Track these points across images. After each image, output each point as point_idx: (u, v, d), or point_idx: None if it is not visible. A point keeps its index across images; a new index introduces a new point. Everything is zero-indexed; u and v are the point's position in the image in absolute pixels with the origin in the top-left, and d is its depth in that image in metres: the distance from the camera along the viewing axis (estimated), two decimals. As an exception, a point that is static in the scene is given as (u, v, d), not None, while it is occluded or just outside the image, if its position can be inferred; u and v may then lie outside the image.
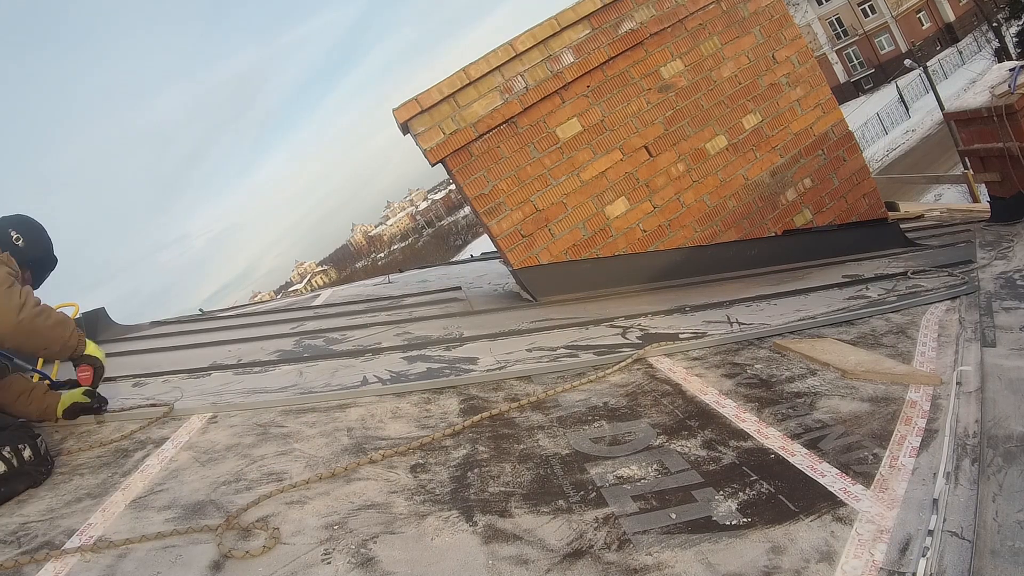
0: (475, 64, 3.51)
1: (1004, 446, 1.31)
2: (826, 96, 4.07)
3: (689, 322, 2.66)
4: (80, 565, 1.31)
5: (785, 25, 4.03)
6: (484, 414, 1.86)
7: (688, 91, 3.83)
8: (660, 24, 3.76)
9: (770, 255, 3.91)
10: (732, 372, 2.00)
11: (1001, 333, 1.94)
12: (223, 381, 2.57)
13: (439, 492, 1.47)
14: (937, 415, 1.53)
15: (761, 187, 3.91)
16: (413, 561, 1.22)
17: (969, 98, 3.81)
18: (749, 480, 1.36)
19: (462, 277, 5.36)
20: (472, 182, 3.58)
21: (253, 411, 2.11)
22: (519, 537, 1.26)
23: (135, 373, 2.76)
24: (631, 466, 1.49)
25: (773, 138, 3.94)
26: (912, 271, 3.02)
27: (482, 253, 7.53)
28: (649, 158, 3.77)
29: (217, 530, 1.36)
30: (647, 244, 3.76)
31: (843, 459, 1.39)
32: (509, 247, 3.62)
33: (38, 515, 1.53)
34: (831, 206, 4.04)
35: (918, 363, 1.87)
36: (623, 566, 1.13)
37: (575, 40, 3.64)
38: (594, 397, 1.93)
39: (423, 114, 3.46)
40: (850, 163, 4.08)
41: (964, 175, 7.20)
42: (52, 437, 2.06)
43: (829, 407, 1.65)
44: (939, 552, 1.06)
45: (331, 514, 1.42)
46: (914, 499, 1.22)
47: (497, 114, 3.54)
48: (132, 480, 1.68)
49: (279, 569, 1.23)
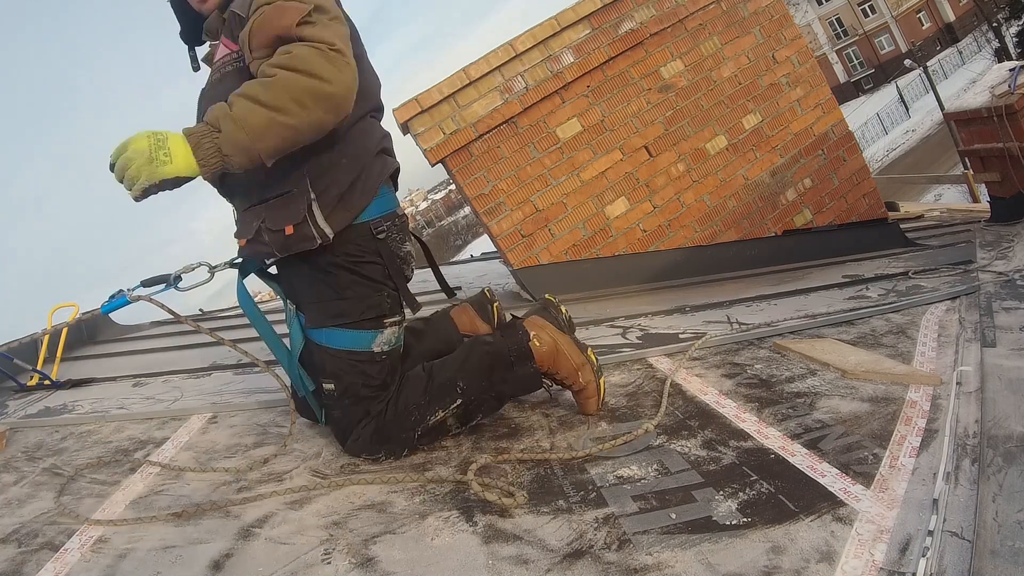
0: (475, 64, 3.52)
1: (1004, 446, 1.31)
2: (826, 96, 4.07)
3: (689, 322, 2.66)
4: (80, 565, 1.31)
5: (785, 25, 4.03)
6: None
7: (688, 91, 3.83)
8: (660, 24, 3.76)
9: (770, 255, 3.91)
10: (732, 372, 2.00)
11: (1001, 333, 1.94)
12: (223, 381, 2.57)
13: (439, 492, 1.47)
14: (937, 415, 1.53)
15: (761, 187, 3.91)
16: (413, 561, 1.22)
17: (969, 98, 3.81)
18: (749, 480, 1.36)
19: (462, 277, 5.36)
20: (472, 182, 3.58)
21: (253, 411, 2.11)
22: (519, 537, 1.26)
23: (135, 373, 2.76)
24: (631, 466, 1.49)
25: (773, 138, 3.94)
26: (912, 271, 3.02)
27: (482, 253, 7.53)
28: (649, 158, 3.77)
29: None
30: (647, 244, 3.76)
31: (843, 459, 1.39)
32: (509, 247, 3.62)
33: (38, 515, 1.53)
34: (831, 206, 4.04)
35: (918, 363, 1.87)
36: (623, 566, 1.13)
37: (575, 40, 3.64)
38: (594, 397, 1.93)
39: (423, 114, 3.47)
40: (850, 163, 4.08)
41: (964, 175, 7.21)
42: (52, 436, 2.06)
43: (829, 407, 1.65)
44: (939, 552, 1.06)
45: (331, 514, 1.42)
46: (914, 499, 1.22)
47: (497, 114, 3.54)
48: (132, 480, 1.68)
49: (279, 569, 1.23)
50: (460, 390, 1.64)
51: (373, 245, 1.59)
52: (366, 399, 1.62)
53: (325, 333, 1.61)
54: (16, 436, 2.09)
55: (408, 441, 1.63)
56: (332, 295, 1.59)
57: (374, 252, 1.59)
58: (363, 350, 1.61)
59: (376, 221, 1.59)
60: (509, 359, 1.68)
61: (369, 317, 1.60)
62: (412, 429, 1.62)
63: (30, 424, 2.20)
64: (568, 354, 1.71)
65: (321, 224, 1.50)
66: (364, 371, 1.61)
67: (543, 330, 1.72)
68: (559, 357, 1.70)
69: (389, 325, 1.64)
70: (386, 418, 1.61)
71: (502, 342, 1.69)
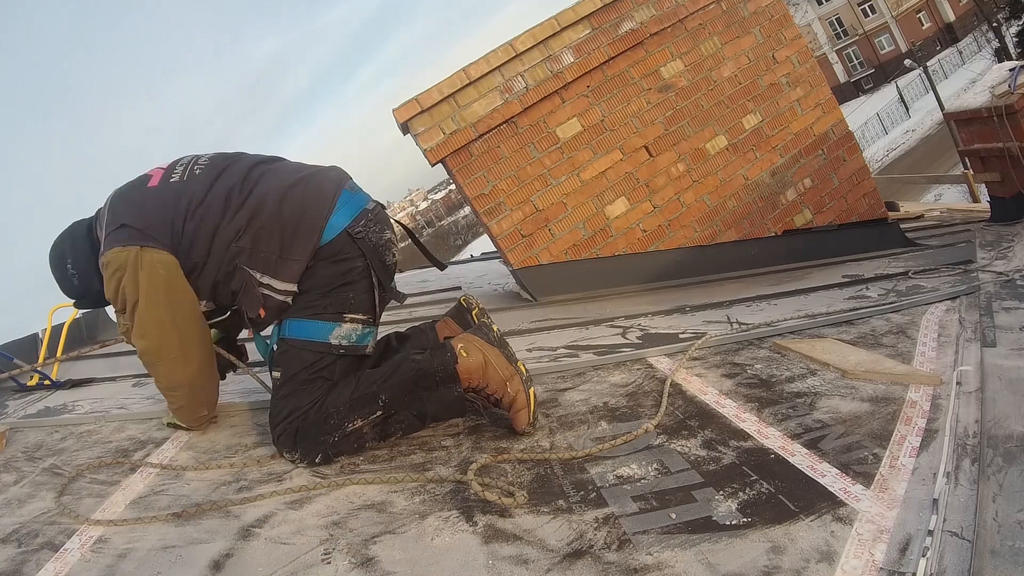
0: (475, 64, 3.51)
1: (1004, 446, 1.31)
2: (826, 96, 4.07)
3: (689, 322, 2.66)
4: (80, 565, 1.31)
5: (785, 25, 4.03)
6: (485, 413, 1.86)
7: (688, 91, 3.83)
8: (660, 24, 3.76)
9: (770, 255, 3.91)
10: (732, 372, 2.00)
11: (1001, 333, 1.94)
12: (223, 381, 2.57)
13: (439, 492, 1.47)
14: (937, 415, 1.53)
15: (761, 187, 3.91)
16: (413, 561, 1.22)
17: (969, 98, 3.81)
18: (749, 480, 1.36)
19: (462, 277, 5.36)
20: (472, 182, 3.58)
21: (253, 411, 2.11)
22: (519, 537, 1.26)
23: (135, 373, 2.76)
24: (631, 466, 1.49)
25: (773, 138, 3.94)
26: (912, 271, 3.02)
27: (482, 253, 7.54)
28: (649, 158, 3.77)
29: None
30: (647, 244, 3.76)
31: (843, 459, 1.39)
32: (509, 247, 3.62)
33: (38, 515, 1.53)
34: (831, 206, 4.04)
35: (918, 363, 1.87)
36: (623, 566, 1.13)
37: (575, 40, 3.64)
38: (594, 397, 1.93)
39: (423, 114, 3.47)
40: (850, 163, 4.08)
41: (964, 175, 7.20)
42: (52, 436, 2.06)
43: (829, 407, 1.65)
44: (939, 552, 1.06)
45: (331, 514, 1.42)
46: (914, 499, 1.22)
47: (497, 114, 3.54)
48: (132, 480, 1.68)
49: (279, 569, 1.23)
50: (382, 402, 1.64)
51: (354, 247, 1.70)
52: (300, 392, 1.65)
53: (288, 324, 1.72)
54: (16, 436, 2.09)
55: (323, 445, 1.63)
56: (306, 292, 1.71)
57: (356, 251, 1.71)
58: (319, 340, 1.68)
59: (351, 225, 1.71)
60: (435, 379, 1.66)
61: (330, 311, 1.69)
62: (329, 434, 1.63)
63: (30, 424, 2.20)
64: (496, 365, 1.69)
65: (281, 288, 1.69)
66: (312, 362, 1.67)
67: (471, 343, 1.72)
68: (487, 369, 1.68)
69: (349, 320, 1.70)
70: (309, 418, 1.63)
71: (429, 361, 1.67)
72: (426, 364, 1.66)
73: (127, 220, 1.67)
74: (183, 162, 1.78)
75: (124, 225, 1.66)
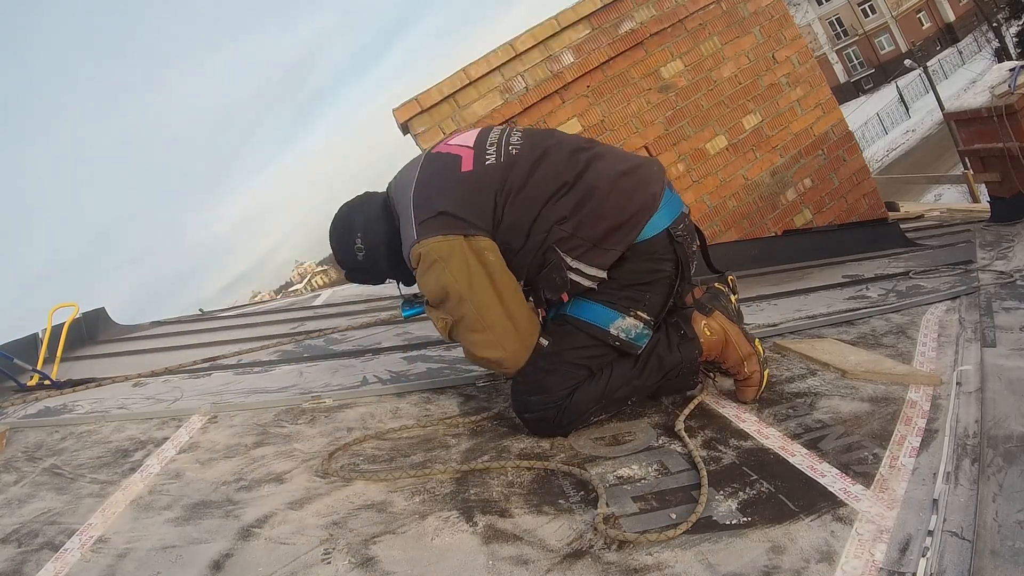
0: (475, 64, 3.52)
1: (1004, 446, 1.31)
2: (826, 96, 4.08)
3: (689, 322, 2.66)
4: (80, 565, 1.31)
5: (785, 25, 4.04)
6: (484, 414, 1.86)
7: (688, 91, 3.83)
8: (660, 24, 3.76)
9: (770, 255, 3.91)
10: (732, 372, 1.99)
11: (1001, 333, 1.94)
12: (223, 381, 2.57)
13: (439, 492, 1.47)
14: (937, 415, 1.53)
15: (761, 187, 3.91)
16: (413, 561, 1.22)
17: (969, 98, 3.81)
18: (749, 480, 1.36)
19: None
20: (472, 182, 3.58)
21: (254, 411, 2.11)
22: (519, 537, 1.26)
23: (135, 373, 2.76)
24: (631, 466, 1.49)
25: (773, 138, 3.94)
26: (912, 271, 3.02)
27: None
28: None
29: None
30: (647, 244, 3.76)
31: (843, 459, 1.39)
32: (509, 247, 3.61)
33: (38, 515, 1.53)
34: (831, 206, 4.04)
35: (918, 363, 1.87)
36: (623, 566, 1.13)
37: (575, 40, 3.64)
38: (594, 397, 1.93)
39: (423, 114, 3.47)
40: (850, 163, 4.09)
41: (964, 175, 7.20)
42: (52, 436, 2.06)
43: (829, 407, 1.65)
44: (939, 552, 1.06)
45: (331, 514, 1.42)
46: (914, 499, 1.22)
47: (497, 114, 3.54)
48: (132, 480, 1.68)
49: (279, 569, 1.23)
50: (629, 403, 1.75)
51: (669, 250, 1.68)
52: (558, 373, 1.65)
53: (576, 302, 1.70)
54: (16, 436, 2.09)
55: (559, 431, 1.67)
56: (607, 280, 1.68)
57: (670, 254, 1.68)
58: (599, 326, 1.66)
59: (672, 225, 1.69)
60: (677, 371, 1.72)
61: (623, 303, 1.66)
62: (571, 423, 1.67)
63: (30, 424, 2.20)
64: (736, 343, 1.71)
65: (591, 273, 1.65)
66: (583, 345, 1.67)
67: (714, 319, 1.73)
68: (727, 348, 1.72)
69: (634, 316, 1.66)
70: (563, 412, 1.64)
71: (678, 358, 1.70)
72: (674, 361, 1.70)
73: (445, 207, 1.61)
74: (492, 140, 1.71)
75: (442, 212, 1.60)
